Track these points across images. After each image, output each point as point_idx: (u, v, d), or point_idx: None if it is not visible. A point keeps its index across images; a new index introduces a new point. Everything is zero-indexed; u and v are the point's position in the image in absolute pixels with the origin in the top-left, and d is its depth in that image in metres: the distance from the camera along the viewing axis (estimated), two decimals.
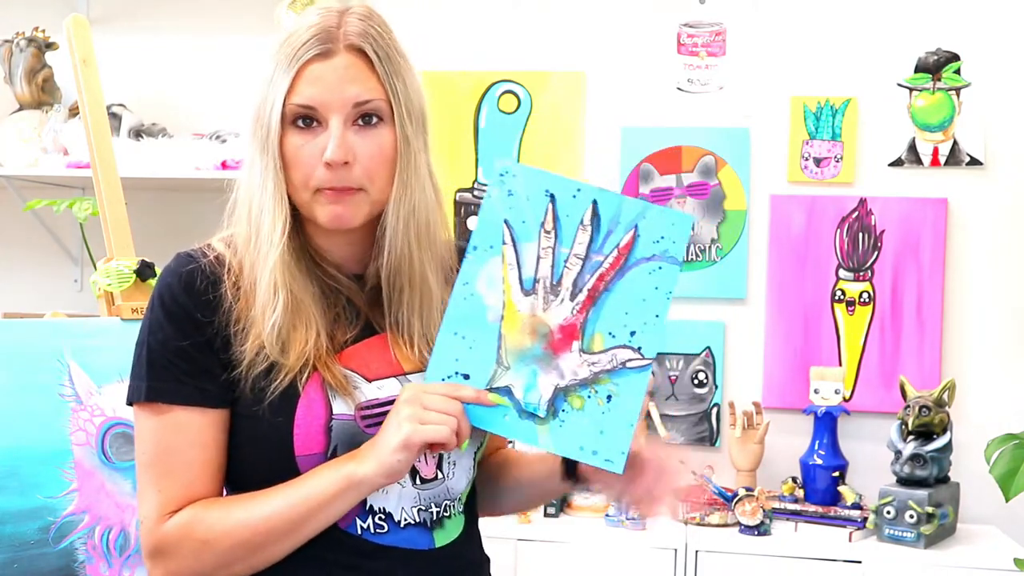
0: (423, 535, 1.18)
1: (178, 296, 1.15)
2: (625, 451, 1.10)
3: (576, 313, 1.12)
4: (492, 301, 1.12)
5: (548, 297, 1.12)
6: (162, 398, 1.13)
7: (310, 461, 1.12)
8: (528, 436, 1.11)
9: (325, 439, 1.12)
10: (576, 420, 1.10)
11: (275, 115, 1.14)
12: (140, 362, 1.16)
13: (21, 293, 3.11)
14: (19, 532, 1.64)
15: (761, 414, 2.72)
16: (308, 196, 1.15)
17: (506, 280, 1.12)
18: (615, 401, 1.10)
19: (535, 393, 1.11)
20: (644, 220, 1.12)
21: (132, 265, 1.92)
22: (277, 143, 1.14)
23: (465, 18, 2.93)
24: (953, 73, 2.72)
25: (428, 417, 1.06)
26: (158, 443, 1.14)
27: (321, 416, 1.13)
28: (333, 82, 1.13)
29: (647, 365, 1.11)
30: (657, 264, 1.12)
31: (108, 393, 1.77)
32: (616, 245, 1.12)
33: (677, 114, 2.86)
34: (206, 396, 1.14)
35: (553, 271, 1.12)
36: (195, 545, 1.11)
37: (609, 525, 2.53)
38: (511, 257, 1.12)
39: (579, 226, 1.12)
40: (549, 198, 1.12)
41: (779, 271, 2.80)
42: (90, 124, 1.97)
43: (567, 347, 1.11)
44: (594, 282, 1.12)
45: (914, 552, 2.36)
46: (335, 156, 1.12)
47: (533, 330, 1.12)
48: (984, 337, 2.73)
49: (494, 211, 1.12)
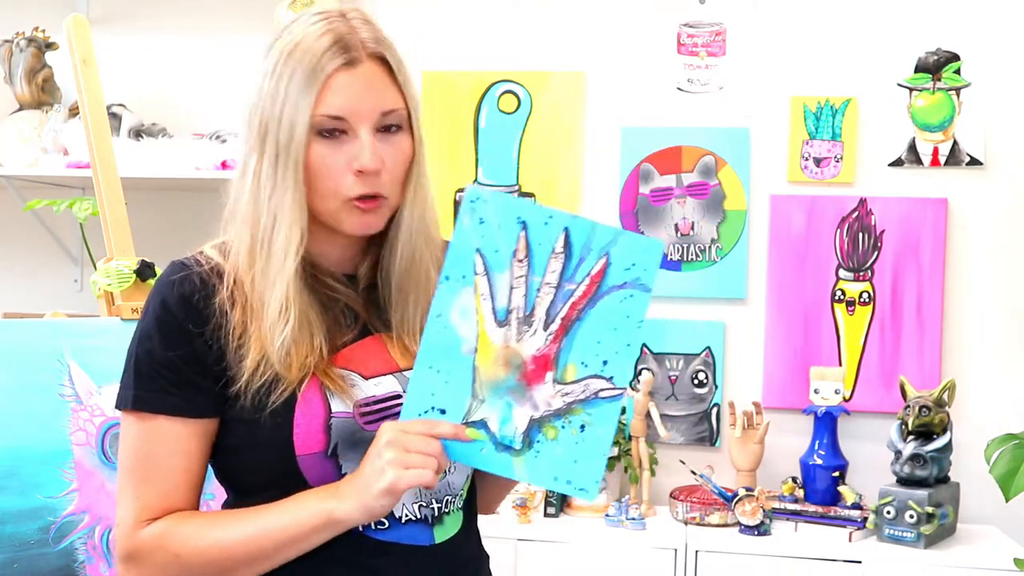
0: (423, 531, 1.18)
1: (170, 306, 1.15)
2: (598, 480, 1.12)
3: (549, 343, 1.11)
4: (466, 333, 1.11)
5: (521, 328, 1.11)
6: (147, 407, 1.14)
7: (311, 460, 1.12)
8: (504, 468, 1.11)
9: (325, 437, 1.13)
10: (551, 451, 1.11)
11: (300, 126, 1.13)
12: (128, 370, 1.17)
13: (21, 293, 3.11)
14: (19, 532, 1.64)
15: (761, 414, 2.72)
16: (336, 205, 1.15)
17: (479, 311, 1.11)
18: (588, 431, 1.11)
19: (510, 426, 1.11)
20: (616, 247, 1.11)
21: (132, 265, 1.92)
22: (302, 154, 1.13)
23: (465, 18, 2.93)
24: (953, 73, 2.72)
25: (411, 460, 1.05)
26: (140, 450, 1.15)
27: (320, 415, 1.13)
28: (361, 92, 1.14)
29: (619, 395, 1.12)
30: (629, 292, 1.12)
31: (108, 393, 1.77)
32: (588, 273, 1.11)
33: (677, 114, 2.86)
34: (191, 407, 1.14)
35: (526, 301, 1.11)
36: (166, 558, 1.12)
37: (609, 525, 2.53)
38: (484, 287, 1.11)
39: (551, 254, 1.11)
40: (521, 226, 1.11)
41: (779, 271, 2.80)
42: (90, 124, 1.97)
43: (541, 378, 1.11)
44: (567, 311, 1.11)
45: (914, 552, 2.36)
46: (372, 164, 1.13)
47: (507, 361, 1.11)
48: (984, 337, 2.73)
49: (466, 240, 1.11)
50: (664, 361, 2.84)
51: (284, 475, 1.13)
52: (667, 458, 2.78)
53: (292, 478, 1.12)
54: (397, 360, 1.20)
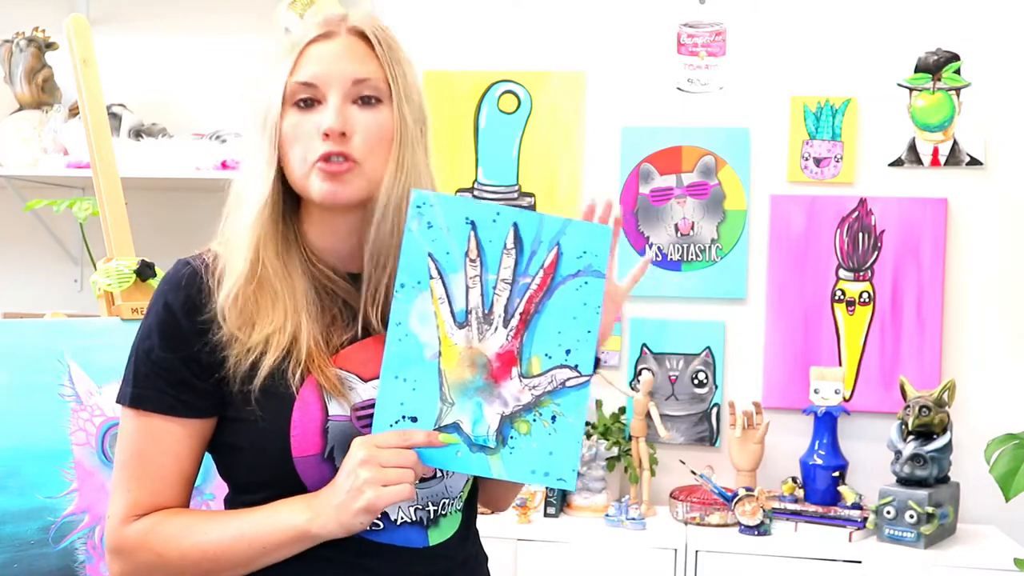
0: (418, 533, 1.18)
1: (172, 307, 1.16)
2: (575, 468, 1.13)
3: (511, 339, 1.12)
4: (427, 338, 1.11)
5: (482, 327, 1.12)
6: (143, 405, 1.15)
7: (307, 463, 1.12)
8: (481, 468, 1.12)
9: (322, 440, 1.13)
10: (525, 445, 1.12)
11: (276, 95, 1.16)
12: (129, 366, 1.18)
13: (21, 293, 3.11)
14: (19, 532, 1.64)
15: (761, 414, 2.72)
16: (305, 170, 1.16)
17: (438, 315, 1.11)
18: (560, 421, 1.12)
19: (483, 425, 1.11)
20: (565, 236, 1.12)
21: (132, 265, 1.92)
22: (276, 122, 1.16)
23: (465, 18, 2.93)
24: (953, 73, 2.72)
25: (387, 477, 1.06)
26: (134, 447, 1.16)
27: (317, 418, 1.13)
28: (332, 60, 1.17)
29: (585, 382, 1.13)
30: (583, 279, 1.13)
31: (108, 393, 1.77)
32: (541, 265, 1.12)
33: (677, 114, 2.86)
34: (186, 407, 1.15)
35: (483, 300, 1.12)
36: (149, 556, 1.14)
37: (609, 525, 2.53)
38: (440, 291, 1.11)
39: (503, 250, 1.11)
40: (470, 226, 1.11)
41: (779, 271, 2.80)
42: (90, 124, 1.97)
43: (507, 374, 1.12)
44: (524, 305, 1.12)
45: (914, 552, 2.36)
46: (333, 124, 1.14)
47: (472, 362, 1.11)
48: (984, 337, 2.73)
49: (416, 245, 1.11)
50: (664, 361, 2.84)
51: (281, 475, 1.13)
52: (667, 458, 2.78)
53: (288, 479, 1.13)
54: None
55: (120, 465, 1.17)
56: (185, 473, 1.17)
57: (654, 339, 2.83)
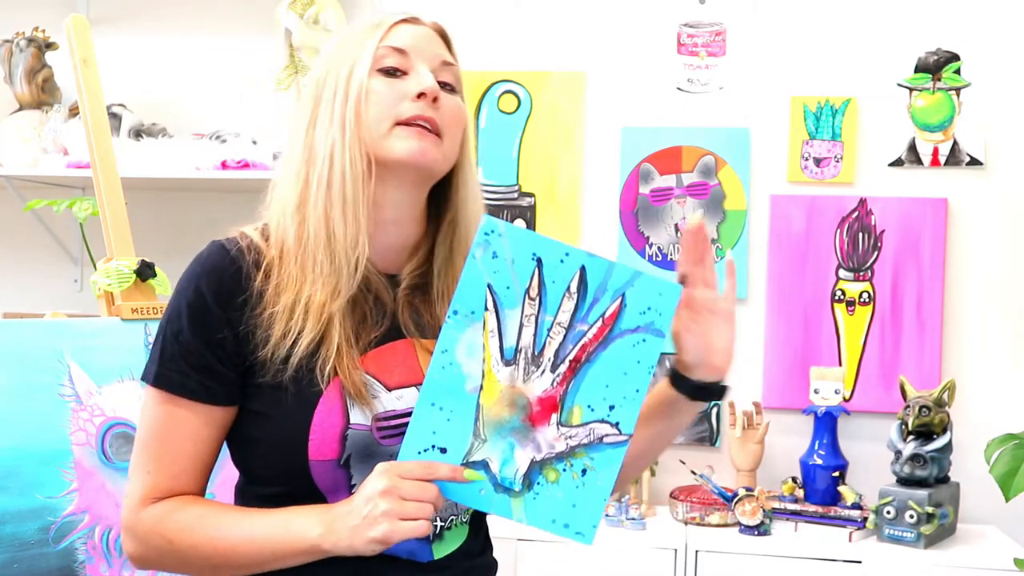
0: (422, 547, 1.17)
1: (202, 289, 1.15)
2: (596, 524, 1.09)
3: (556, 385, 1.08)
4: (471, 370, 1.07)
5: (529, 368, 1.08)
6: (166, 385, 1.15)
7: (322, 467, 1.12)
8: (502, 509, 1.09)
9: (340, 447, 1.12)
10: (550, 493, 1.08)
11: (363, 61, 1.16)
12: (156, 344, 1.17)
13: (21, 293, 3.11)
14: (19, 532, 1.64)
15: (761, 414, 2.72)
16: (385, 129, 1.15)
17: (487, 348, 1.07)
18: (589, 475, 1.08)
19: (511, 467, 1.08)
20: (632, 289, 1.08)
21: (132, 265, 1.92)
22: (361, 84, 1.15)
23: (465, 18, 2.93)
24: (953, 73, 2.72)
25: (406, 511, 1.03)
26: (156, 427, 1.16)
27: (337, 424, 1.12)
28: (422, 39, 1.20)
29: (624, 441, 1.09)
30: (641, 336, 1.09)
31: (108, 393, 1.77)
32: (601, 315, 1.08)
33: (677, 114, 2.86)
34: (208, 393, 1.14)
35: (536, 340, 1.08)
36: (161, 542, 1.14)
37: (609, 525, 2.53)
38: (492, 324, 1.07)
39: (565, 293, 1.07)
40: (536, 262, 1.07)
41: (779, 271, 2.80)
42: (90, 124, 1.97)
43: (545, 420, 1.08)
44: (576, 353, 1.08)
45: (914, 552, 2.36)
46: (431, 85, 1.16)
47: (512, 402, 1.08)
48: (984, 337, 2.73)
49: (478, 274, 1.07)
50: (664, 361, 2.83)
51: (294, 474, 1.12)
52: (667, 458, 2.78)
53: (301, 478, 1.12)
54: (424, 371, 1.17)
55: (140, 445, 1.17)
56: (203, 459, 1.17)
57: None
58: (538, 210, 2.90)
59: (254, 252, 1.17)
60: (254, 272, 1.15)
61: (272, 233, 1.19)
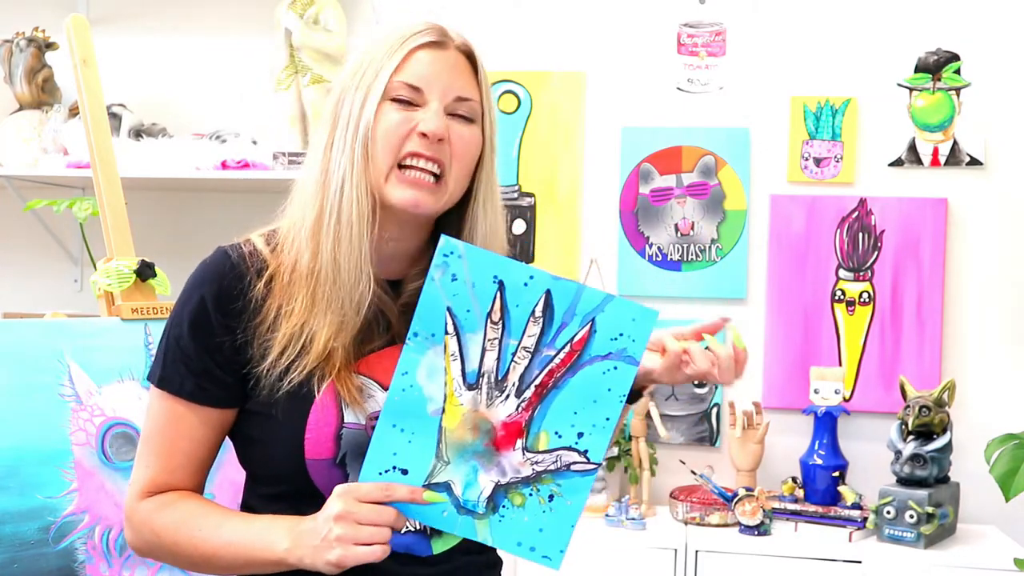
0: (421, 542, 1.18)
1: (204, 295, 1.16)
2: (564, 549, 1.08)
3: (521, 411, 1.06)
4: (432, 393, 1.05)
5: (492, 393, 1.06)
6: (166, 387, 1.18)
7: (319, 466, 1.13)
8: (466, 530, 1.08)
9: (335, 446, 1.13)
10: (516, 517, 1.07)
11: (376, 90, 1.14)
12: (159, 347, 1.21)
13: (21, 293, 3.11)
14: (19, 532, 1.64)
15: (761, 414, 2.72)
16: (387, 169, 1.14)
17: (448, 372, 1.05)
18: (557, 501, 1.07)
19: (475, 490, 1.07)
20: (603, 314, 1.04)
21: (132, 265, 1.92)
22: (371, 117, 1.14)
23: (465, 18, 2.93)
24: (953, 73, 2.72)
25: (359, 536, 1.03)
26: (157, 424, 1.20)
27: (332, 424, 1.13)
28: (443, 70, 1.16)
29: (593, 470, 1.07)
30: (613, 363, 1.05)
31: (108, 393, 1.77)
32: (570, 340, 1.05)
33: (677, 114, 2.86)
34: (206, 396, 1.17)
35: (499, 365, 1.05)
36: (151, 536, 1.19)
37: (609, 525, 2.53)
38: (454, 348, 1.05)
39: (530, 317, 1.04)
40: (497, 285, 1.04)
41: (779, 271, 2.80)
42: (90, 124, 1.97)
43: (510, 445, 1.06)
44: (543, 378, 1.05)
45: (914, 552, 2.36)
46: (437, 127, 1.13)
47: (475, 426, 1.06)
48: (984, 337, 2.73)
49: (436, 297, 1.04)
50: None
51: (293, 474, 1.14)
52: (667, 458, 2.78)
53: (300, 478, 1.14)
54: None
55: (144, 439, 1.22)
56: (200, 457, 1.20)
57: None
58: (538, 210, 2.90)
59: (257, 260, 1.18)
60: (255, 280, 1.16)
61: (283, 243, 1.19)
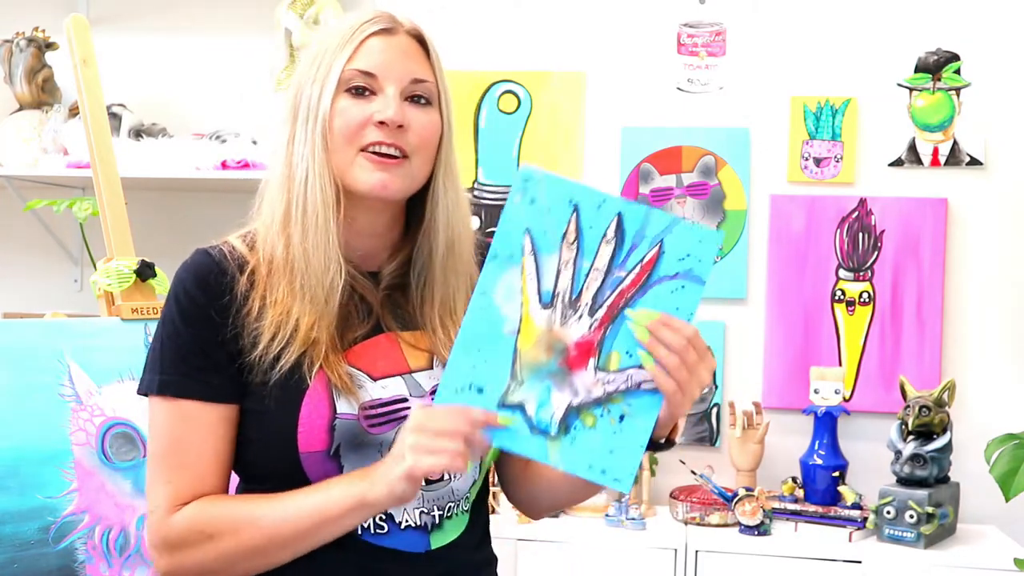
0: (420, 537, 1.18)
1: (191, 291, 1.16)
2: (633, 471, 1.09)
3: (594, 330, 1.08)
4: (509, 313, 1.08)
5: (567, 312, 1.08)
6: (172, 391, 1.15)
7: (313, 459, 1.13)
8: (539, 452, 1.08)
9: (328, 438, 1.13)
10: (587, 438, 1.08)
11: (331, 81, 1.15)
12: (154, 355, 1.17)
13: (21, 293, 3.11)
14: (19, 532, 1.64)
15: (761, 414, 2.72)
16: (350, 156, 1.16)
17: (525, 292, 1.08)
18: (627, 421, 1.08)
19: (547, 410, 1.08)
20: (670, 235, 1.07)
21: (132, 265, 1.92)
22: (328, 107, 1.15)
23: (465, 18, 2.93)
24: (953, 73, 2.72)
25: (433, 446, 1.03)
26: (169, 435, 1.15)
27: (325, 415, 1.13)
28: (395, 56, 1.18)
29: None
30: (680, 283, 1.08)
31: (108, 393, 1.77)
32: (639, 261, 1.08)
33: (677, 114, 2.86)
34: (215, 391, 1.15)
35: (573, 285, 1.08)
36: (200, 539, 1.12)
37: (609, 525, 2.52)
38: (531, 268, 1.07)
39: (602, 239, 1.07)
40: (573, 209, 1.07)
41: (779, 271, 2.80)
42: (90, 124, 1.97)
43: (583, 364, 1.08)
44: (614, 298, 1.08)
45: (914, 552, 2.36)
46: (394, 116, 1.15)
47: (549, 346, 1.08)
48: (984, 337, 2.73)
49: (516, 219, 1.07)
50: None
51: (287, 469, 1.13)
52: (667, 458, 2.78)
53: (294, 473, 1.13)
54: (408, 361, 1.20)
55: (156, 458, 1.16)
56: (222, 458, 1.16)
57: None
58: None
59: (237, 257, 1.19)
60: (238, 276, 1.17)
61: (259, 242, 1.20)
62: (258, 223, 1.21)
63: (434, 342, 1.21)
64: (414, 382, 1.18)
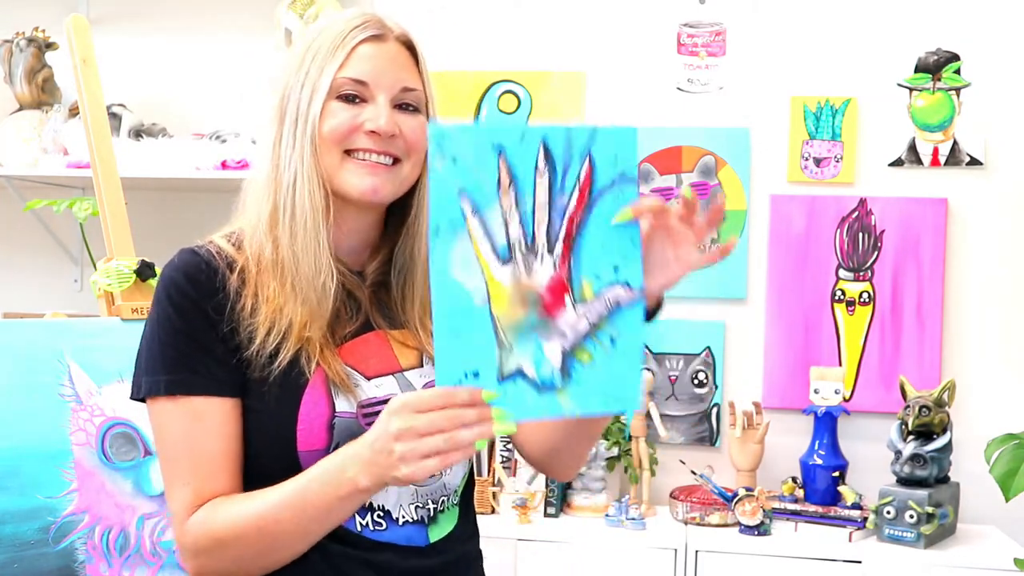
0: (419, 532, 1.19)
1: (182, 288, 1.15)
2: (639, 387, 1.08)
3: (559, 267, 1.05)
4: (473, 284, 1.02)
5: (528, 259, 1.04)
6: (181, 390, 1.13)
7: (312, 457, 1.12)
8: (553, 409, 1.06)
9: (327, 436, 1.14)
10: (589, 374, 1.06)
11: (321, 88, 1.16)
12: (152, 357, 1.15)
13: (21, 293, 3.11)
14: (19, 532, 1.64)
15: (761, 414, 2.72)
16: (337, 160, 1.17)
17: (480, 256, 1.03)
18: (619, 343, 1.07)
19: (546, 365, 1.05)
20: (596, 144, 1.05)
21: (132, 265, 1.92)
22: (319, 114, 1.16)
23: (465, 18, 2.93)
24: (953, 73, 2.72)
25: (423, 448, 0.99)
26: (182, 436, 1.14)
27: (324, 413, 1.14)
28: (386, 64, 1.19)
29: (637, 299, 1.07)
30: (618, 189, 1.06)
31: (108, 393, 1.77)
32: (577, 180, 1.05)
33: (677, 114, 2.86)
34: (222, 385, 1.14)
35: (524, 230, 1.04)
36: (214, 546, 1.12)
37: (609, 525, 2.53)
38: (478, 229, 1.02)
39: (535, 173, 1.03)
40: (498, 153, 1.02)
41: (779, 271, 2.80)
42: (90, 124, 1.97)
43: (560, 305, 1.05)
44: (566, 227, 1.05)
45: (914, 552, 2.36)
46: (386, 126, 1.16)
47: (523, 299, 1.04)
48: (984, 337, 2.73)
49: (445, 185, 1.01)
50: (664, 361, 2.84)
51: (285, 467, 1.13)
52: (667, 458, 2.78)
53: (293, 471, 1.13)
54: (399, 359, 1.21)
55: (171, 461, 1.15)
56: (235, 454, 1.15)
57: (654, 339, 2.83)
58: None
59: (224, 256, 1.19)
60: (228, 274, 1.17)
61: (246, 242, 1.20)
62: (243, 222, 1.22)
63: (421, 340, 1.22)
64: (406, 381, 1.19)
